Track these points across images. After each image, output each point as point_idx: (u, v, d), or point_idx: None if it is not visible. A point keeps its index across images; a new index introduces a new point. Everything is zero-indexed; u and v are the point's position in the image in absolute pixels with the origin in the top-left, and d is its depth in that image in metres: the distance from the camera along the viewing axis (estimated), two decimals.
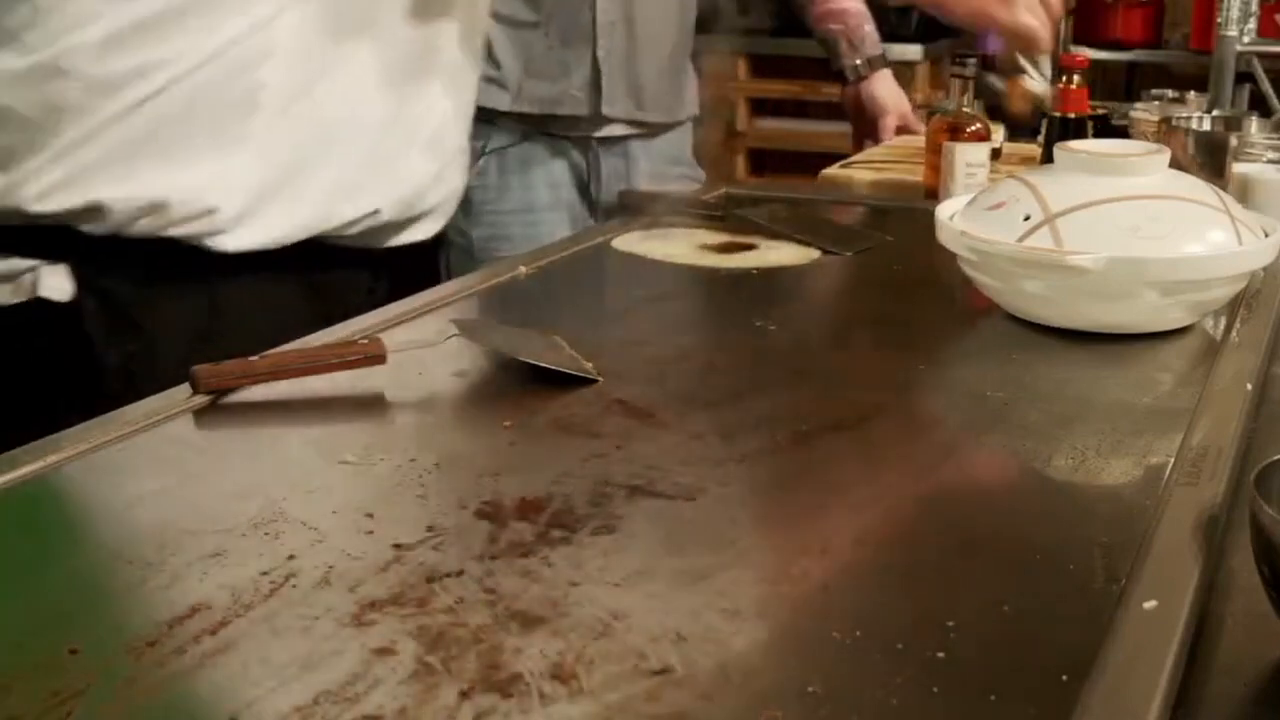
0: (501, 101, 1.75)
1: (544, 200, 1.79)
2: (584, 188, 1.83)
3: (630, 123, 1.82)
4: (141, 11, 1.04)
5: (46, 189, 1.06)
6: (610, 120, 1.79)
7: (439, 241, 1.32)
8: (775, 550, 0.73)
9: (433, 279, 1.30)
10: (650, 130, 1.83)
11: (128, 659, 0.58)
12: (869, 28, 2.03)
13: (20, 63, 1.04)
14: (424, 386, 0.98)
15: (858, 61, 2.01)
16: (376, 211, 1.17)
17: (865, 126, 2.04)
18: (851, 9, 2.02)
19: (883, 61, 2.05)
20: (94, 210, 1.07)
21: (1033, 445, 0.84)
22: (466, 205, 1.80)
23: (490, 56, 1.74)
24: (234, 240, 1.10)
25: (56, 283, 1.10)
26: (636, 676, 0.57)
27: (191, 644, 0.59)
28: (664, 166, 1.86)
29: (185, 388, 0.90)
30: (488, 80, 1.74)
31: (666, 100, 1.87)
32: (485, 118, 1.76)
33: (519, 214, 1.76)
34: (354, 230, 1.17)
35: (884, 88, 2.03)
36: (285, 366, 0.91)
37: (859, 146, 2.04)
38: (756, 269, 1.24)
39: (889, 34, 2.45)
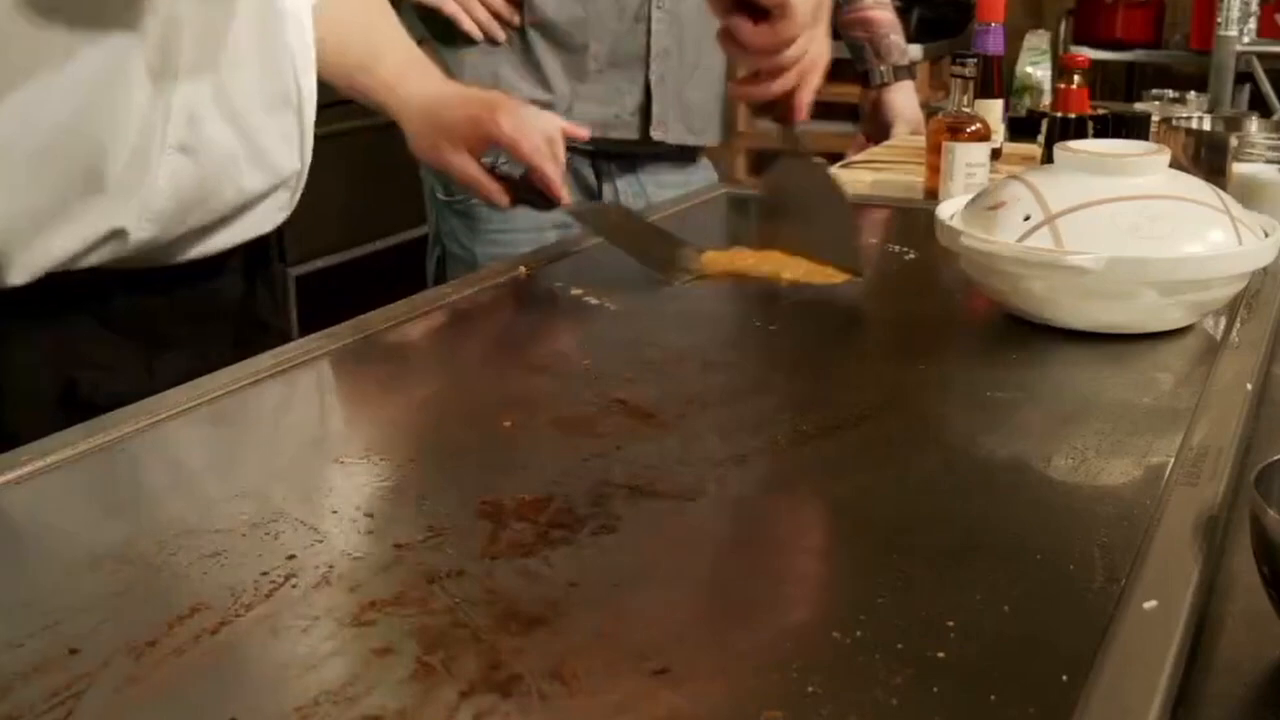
0: None
1: (555, 218, 1.79)
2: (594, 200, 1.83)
3: (678, 146, 1.83)
4: None
5: None
6: (660, 144, 1.80)
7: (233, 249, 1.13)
8: (775, 550, 0.73)
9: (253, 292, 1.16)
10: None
11: (128, 659, 0.58)
12: (895, 37, 2.05)
13: None
14: (424, 386, 0.98)
15: (882, 69, 2.03)
16: (118, 236, 0.99)
17: (877, 131, 2.06)
18: (878, 18, 2.04)
19: (908, 73, 2.07)
20: None
21: (1033, 445, 0.84)
22: (472, 222, 1.80)
23: (541, 80, 1.74)
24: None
25: None
26: (636, 676, 0.57)
27: (191, 644, 0.59)
28: (679, 175, 1.86)
29: (187, 387, 0.90)
30: (536, 104, 1.74)
31: (714, 124, 1.88)
32: None
33: (529, 232, 1.76)
34: (96, 261, 1.00)
35: (903, 98, 2.05)
36: None
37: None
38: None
39: None
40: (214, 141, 1.02)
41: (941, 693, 0.56)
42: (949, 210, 1.13)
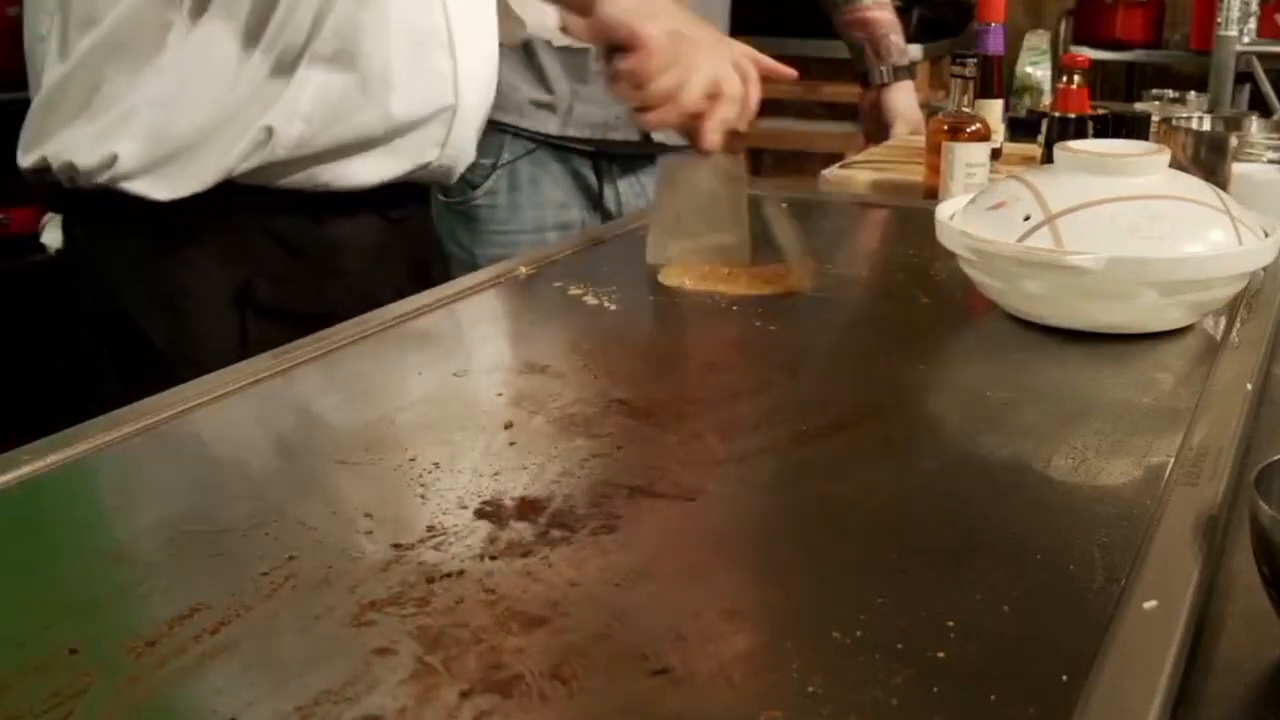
0: (550, 125, 1.75)
1: (556, 219, 1.79)
2: (596, 202, 1.82)
3: (679, 147, 1.82)
4: None
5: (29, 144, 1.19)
6: (662, 146, 1.80)
7: (413, 191, 1.30)
8: (775, 550, 0.73)
9: (413, 233, 1.30)
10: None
11: (128, 659, 0.58)
12: (895, 37, 2.05)
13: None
14: (423, 386, 0.98)
15: (881, 69, 2.04)
16: (268, 136, 1.15)
17: (877, 132, 2.06)
18: (878, 18, 2.04)
19: (907, 73, 2.07)
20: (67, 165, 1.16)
21: (1033, 445, 0.84)
22: (473, 224, 1.80)
23: (541, 81, 1.74)
24: (165, 190, 1.15)
25: (54, 233, 1.23)
26: (636, 676, 0.57)
27: (191, 644, 0.59)
28: None
29: (187, 387, 0.90)
30: (537, 104, 1.74)
31: None
32: (496, 130, 1.76)
33: (529, 234, 1.76)
34: (253, 165, 1.16)
35: (902, 98, 2.06)
36: None
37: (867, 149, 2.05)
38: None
39: None
40: (358, 57, 1.16)
41: (941, 693, 0.56)
42: (949, 210, 1.13)
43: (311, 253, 1.22)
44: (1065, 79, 1.71)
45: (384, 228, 1.28)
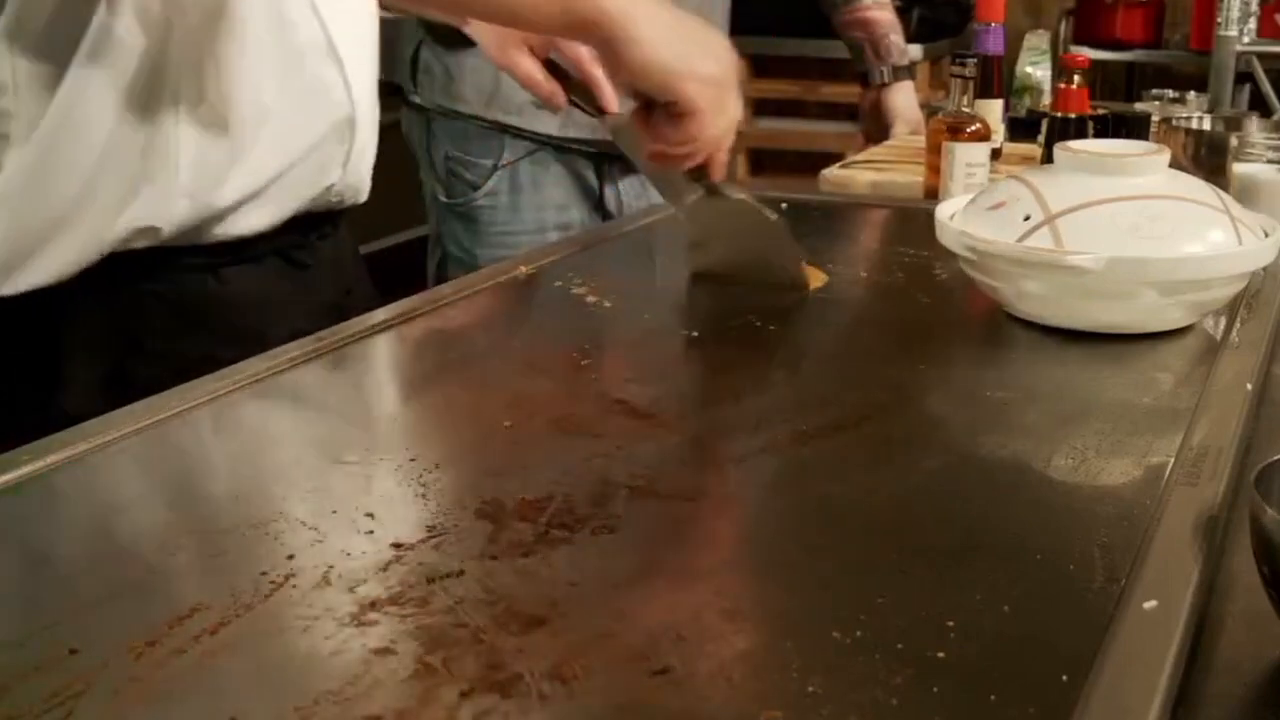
0: (551, 126, 1.74)
1: (556, 219, 1.79)
2: (597, 203, 1.82)
3: None
4: None
5: None
6: None
7: (317, 224, 1.15)
8: (775, 550, 0.73)
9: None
10: None
11: (128, 659, 0.58)
12: (895, 38, 2.05)
13: None
14: (424, 386, 0.98)
15: (881, 69, 2.04)
16: (152, 234, 1.02)
17: (877, 132, 2.06)
18: (878, 18, 2.04)
19: (907, 73, 2.07)
20: None
21: (1033, 445, 0.84)
22: (473, 225, 1.80)
23: None
24: (23, 285, 1.01)
25: None
26: (636, 676, 0.57)
27: (191, 644, 0.59)
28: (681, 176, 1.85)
29: (187, 387, 0.90)
30: (537, 105, 1.74)
31: None
32: (497, 131, 1.76)
33: (530, 234, 1.76)
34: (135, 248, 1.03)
35: (902, 98, 2.06)
36: None
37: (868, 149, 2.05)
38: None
39: None
40: (230, 100, 1.02)
41: (941, 693, 0.56)
42: (949, 210, 1.13)
43: (206, 313, 1.08)
44: (1065, 79, 1.72)
45: (286, 274, 1.13)
